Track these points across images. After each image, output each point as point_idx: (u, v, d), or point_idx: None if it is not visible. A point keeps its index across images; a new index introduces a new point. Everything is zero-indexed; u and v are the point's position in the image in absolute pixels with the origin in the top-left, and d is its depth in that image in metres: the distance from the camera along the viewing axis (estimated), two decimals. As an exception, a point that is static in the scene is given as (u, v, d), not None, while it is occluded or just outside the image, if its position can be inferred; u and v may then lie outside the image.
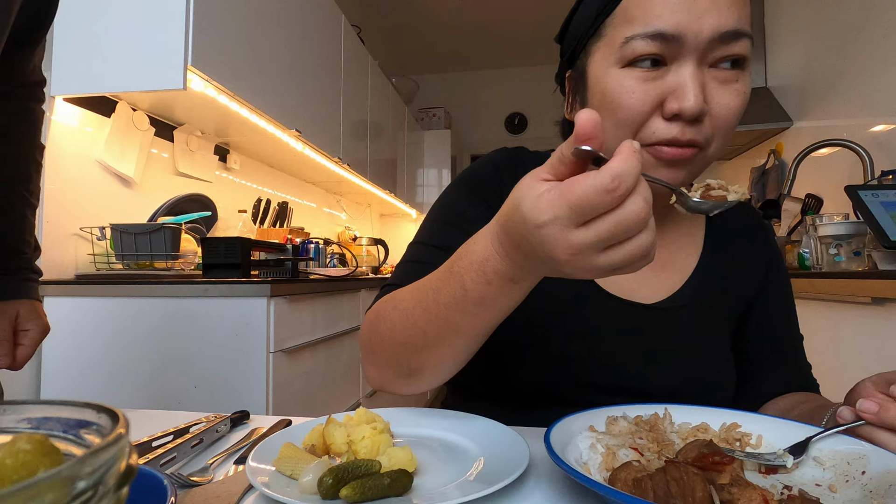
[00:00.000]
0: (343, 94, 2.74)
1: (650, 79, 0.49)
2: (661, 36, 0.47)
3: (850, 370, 1.21)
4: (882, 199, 1.31)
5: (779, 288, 0.66)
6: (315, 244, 2.38)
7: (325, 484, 0.36)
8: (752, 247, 0.66)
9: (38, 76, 0.85)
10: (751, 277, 0.64)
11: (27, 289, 0.84)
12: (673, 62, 0.49)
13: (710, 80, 0.49)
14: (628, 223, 0.31)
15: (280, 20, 2.01)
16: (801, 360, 0.66)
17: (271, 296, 1.39)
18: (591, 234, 0.32)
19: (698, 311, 0.61)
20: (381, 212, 4.73)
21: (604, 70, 0.52)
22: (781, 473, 0.40)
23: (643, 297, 0.60)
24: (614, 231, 0.32)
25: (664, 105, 0.49)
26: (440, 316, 0.46)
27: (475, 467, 0.42)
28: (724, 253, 0.64)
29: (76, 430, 0.20)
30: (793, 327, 0.67)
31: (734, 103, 0.49)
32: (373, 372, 0.56)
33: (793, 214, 2.10)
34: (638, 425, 0.44)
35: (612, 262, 0.33)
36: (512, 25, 4.31)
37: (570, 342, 0.59)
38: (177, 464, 0.45)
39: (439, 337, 0.47)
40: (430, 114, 4.81)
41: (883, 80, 1.85)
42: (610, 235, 0.32)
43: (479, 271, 0.42)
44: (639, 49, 0.48)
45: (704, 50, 0.48)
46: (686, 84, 0.47)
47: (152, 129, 1.79)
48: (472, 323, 0.45)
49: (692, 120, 0.48)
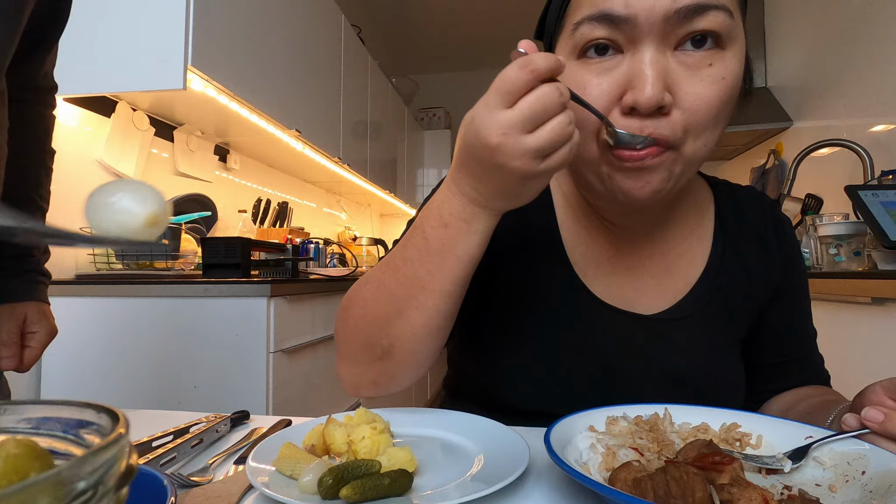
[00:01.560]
0: (343, 94, 2.74)
1: (605, 70, 0.44)
2: (608, 17, 0.42)
3: (850, 370, 1.21)
4: (882, 199, 1.31)
5: (794, 287, 0.59)
6: (315, 244, 2.38)
7: (325, 484, 0.36)
8: (768, 245, 0.59)
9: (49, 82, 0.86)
10: (765, 282, 0.58)
11: (35, 291, 0.84)
12: (629, 49, 0.43)
13: (676, 65, 0.43)
14: (545, 102, 0.37)
15: (280, 20, 2.01)
16: (816, 358, 0.62)
17: (271, 296, 1.39)
18: (516, 111, 0.37)
19: (703, 322, 0.55)
20: (381, 212, 4.73)
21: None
22: (781, 473, 0.40)
23: (643, 307, 0.56)
24: (534, 107, 0.37)
25: (622, 99, 0.43)
26: (407, 274, 0.47)
27: (475, 467, 0.42)
28: (734, 256, 0.57)
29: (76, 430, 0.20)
30: (808, 327, 0.62)
31: (707, 92, 0.43)
32: (346, 369, 0.54)
33: (793, 214, 2.10)
34: (638, 425, 0.44)
35: (539, 142, 0.37)
36: (512, 25, 4.31)
37: (567, 356, 0.55)
38: (177, 464, 0.45)
39: (408, 297, 0.47)
40: (430, 114, 4.81)
41: (883, 80, 1.85)
42: (531, 112, 0.37)
43: (437, 216, 0.45)
44: (587, 34, 0.44)
45: (662, 30, 0.42)
46: (641, 72, 0.42)
47: (152, 129, 1.79)
48: (435, 276, 0.46)
49: (652, 114, 0.42)
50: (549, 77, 0.38)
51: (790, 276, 0.59)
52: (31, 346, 0.81)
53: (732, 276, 0.57)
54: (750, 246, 0.58)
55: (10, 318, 0.79)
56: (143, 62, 1.44)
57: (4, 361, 0.78)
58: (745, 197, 0.61)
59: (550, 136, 0.38)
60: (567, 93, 0.38)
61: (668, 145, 0.44)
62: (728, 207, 0.59)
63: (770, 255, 0.58)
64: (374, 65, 3.34)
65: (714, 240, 0.58)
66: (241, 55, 1.73)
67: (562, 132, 0.38)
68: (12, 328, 0.79)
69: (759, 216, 0.60)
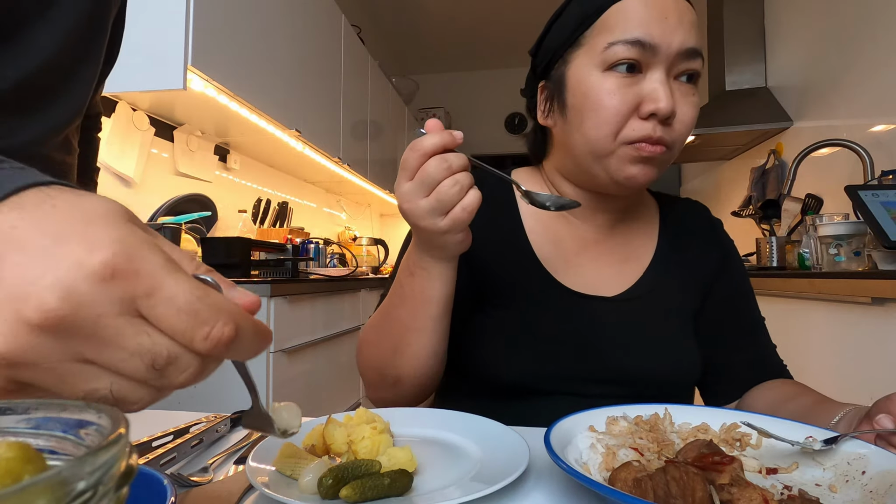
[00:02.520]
0: (343, 94, 2.74)
1: (627, 84, 0.56)
2: (640, 43, 0.55)
3: (850, 370, 1.21)
4: (882, 199, 1.30)
5: (735, 273, 0.72)
6: (315, 244, 2.39)
7: (325, 484, 0.36)
8: (705, 238, 0.72)
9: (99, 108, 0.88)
10: (706, 264, 0.70)
11: None
12: (647, 70, 0.56)
13: (674, 89, 0.56)
14: (431, 172, 0.46)
15: (280, 20, 2.01)
16: (767, 339, 0.70)
17: (271, 296, 1.39)
18: (412, 182, 0.47)
19: (660, 296, 0.66)
20: (381, 211, 4.74)
21: (585, 74, 0.58)
22: (781, 473, 0.40)
23: (606, 290, 0.66)
24: (422, 177, 0.46)
25: (640, 107, 0.56)
26: (394, 317, 0.58)
27: (475, 467, 0.42)
28: (678, 244, 0.70)
29: (76, 430, 0.20)
30: (754, 307, 0.71)
31: (691, 113, 0.58)
32: (372, 394, 0.65)
33: (793, 214, 2.10)
34: (638, 425, 0.44)
35: (430, 203, 0.46)
36: (512, 25, 4.31)
37: (542, 342, 0.63)
38: (177, 464, 0.45)
39: (399, 337, 0.58)
40: (430, 114, 4.80)
41: (883, 80, 1.85)
42: (420, 181, 0.46)
43: (405, 266, 0.56)
44: (620, 53, 0.55)
45: (672, 61, 0.56)
46: (660, 88, 0.55)
47: (152, 129, 1.80)
48: (415, 317, 0.56)
49: (663, 120, 0.55)
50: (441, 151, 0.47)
51: (729, 263, 0.72)
52: None
53: (679, 257, 0.70)
54: (688, 238, 0.72)
55: None
56: (143, 62, 1.44)
57: None
58: (683, 204, 0.77)
59: (438, 197, 0.46)
60: (457, 162, 0.46)
61: (667, 145, 0.57)
62: (669, 212, 0.74)
63: (708, 244, 0.72)
64: (374, 65, 3.34)
65: (659, 234, 0.71)
66: (241, 55, 1.73)
67: (447, 192, 0.46)
68: None
69: (694, 218, 0.74)
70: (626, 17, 0.56)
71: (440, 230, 0.48)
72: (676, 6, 0.56)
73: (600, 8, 0.57)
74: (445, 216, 0.47)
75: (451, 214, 0.47)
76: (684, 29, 0.55)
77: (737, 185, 3.07)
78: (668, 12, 0.55)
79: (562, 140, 0.64)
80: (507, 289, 0.66)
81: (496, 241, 0.67)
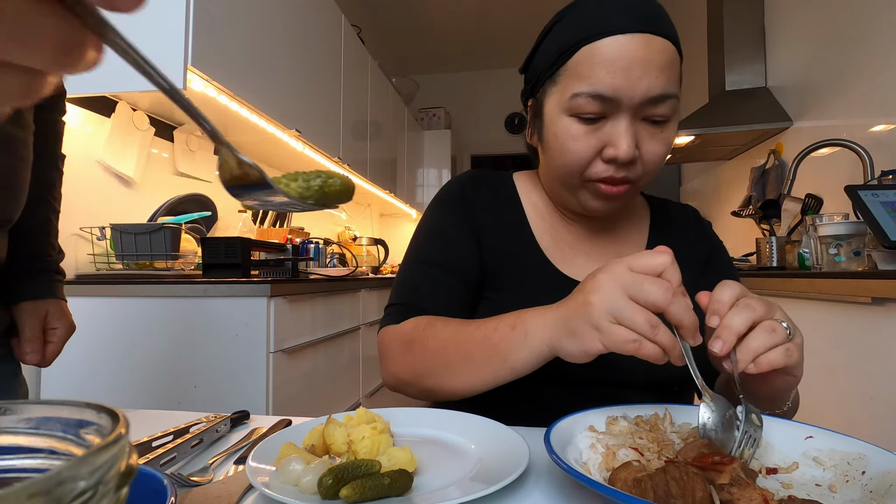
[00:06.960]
0: (343, 94, 2.74)
1: (591, 131, 0.60)
2: (601, 97, 0.57)
3: (850, 370, 1.21)
4: (882, 199, 1.30)
5: (722, 264, 0.76)
6: (315, 244, 2.38)
7: (325, 484, 0.36)
8: (693, 234, 0.77)
9: (60, 88, 0.88)
10: (694, 257, 0.74)
11: (54, 289, 0.87)
12: (611, 116, 0.59)
13: (640, 130, 0.59)
14: (655, 296, 0.43)
15: (280, 20, 2.01)
16: None
17: (271, 296, 1.39)
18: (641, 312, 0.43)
19: None
20: (381, 211, 4.73)
21: (556, 115, 0.62)
22: (781, 473, 0.40)
23: None
24: (644, 292, 0.43)
25: (603, 151, 0.59)
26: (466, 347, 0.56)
27: (475, 467, 0.42)
28: (668, 241, 0.72)
29: (76, 430, 0.20)
30: None
31: (659, 150, 0.61)
32: (389, 379, 0.65)
33: (793, 214, 2.10)
34: (638, 425, 0.44)
35: (632, 337, 0.42)
36: (512, 25, 4.31)
37: None
38: (177, 464, 0.45)
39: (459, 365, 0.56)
40: (430, 114, 4.81)
41: (883, 80, 1.85)
42: (640, 287, 0.43)
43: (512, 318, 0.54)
44: (582, 105, 0.58)
45: (637, 108, 0.58)
46: (620, 136, 0.58)
47: (152, 128, 1.79)
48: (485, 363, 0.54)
49: (625, 164, 0.59)
50: None
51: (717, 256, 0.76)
52: (53, 342, 0.85)
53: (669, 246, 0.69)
54: (677, 235, 0.76)
55: (32, 316, 0.83)
56: (143, 62, 1.44)
57: (28, 357, 0.81)
58: (673, 206, 0.82)
59: (633, 316, 0.42)
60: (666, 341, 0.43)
61: (632, 182, 0.61)
62: (659, 211, 0.79)
63: (696, 240, 0.76)
64: (374, 65, 3.34)
65: (650, 231, 0.76)
66: (241, 55, 1.73)
67: (639, 322, 0.42)
68: (35, 325, 0.82)
69: (683, 218, 0.79)
70: (593, 63, 0.57)
71: (596, 350, 0.44)
72: (646, 51, 0.56)
73: (575, 45, 0.59)
74: (612, 325, 0.43)
75: (618, 329, 0.43)
76: (650, 77, 0.56)
77: (737, 185, 3.07)
78: (634, 62, 0.56)
79: (542, 161, 0.70)
80: (513, 274, 0.69)
81: (502, 231, 0.71)
